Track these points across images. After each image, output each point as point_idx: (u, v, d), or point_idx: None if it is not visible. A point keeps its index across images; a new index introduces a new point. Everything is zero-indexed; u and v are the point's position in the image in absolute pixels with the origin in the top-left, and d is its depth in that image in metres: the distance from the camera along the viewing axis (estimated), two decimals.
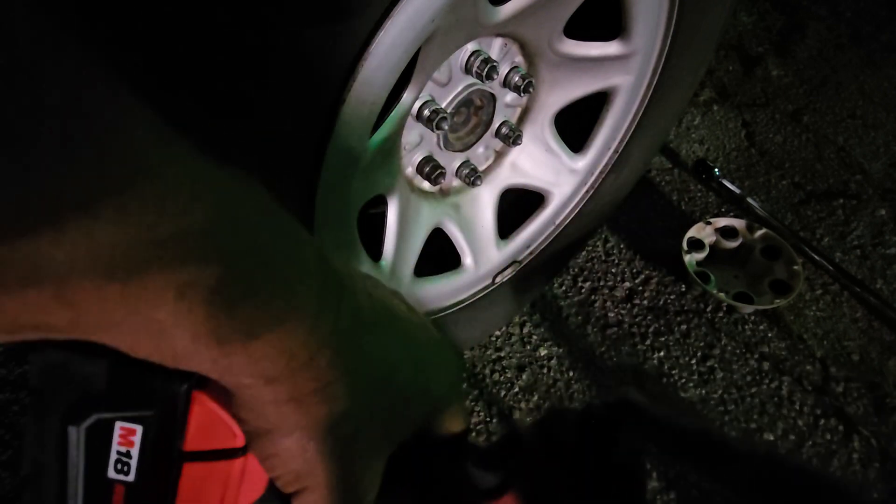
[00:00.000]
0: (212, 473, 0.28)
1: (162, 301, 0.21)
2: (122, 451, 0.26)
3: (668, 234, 1.42)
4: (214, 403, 0.27)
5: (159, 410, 0.26)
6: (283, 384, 0.26)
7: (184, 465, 0.27)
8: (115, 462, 0.27)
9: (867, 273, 1.39)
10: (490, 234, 1.01)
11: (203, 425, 0.27)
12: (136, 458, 0.27)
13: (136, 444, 0.26)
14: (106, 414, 0.26)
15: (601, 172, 1.06)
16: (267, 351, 0.25)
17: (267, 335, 0.24)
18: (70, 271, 0.19)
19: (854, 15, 1.95)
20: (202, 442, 0.27)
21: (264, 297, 0.24)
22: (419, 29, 0.62)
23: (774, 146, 1.64)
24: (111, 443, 0.26)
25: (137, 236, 0.20)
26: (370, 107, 0.64)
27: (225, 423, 0.28)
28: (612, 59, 0.90)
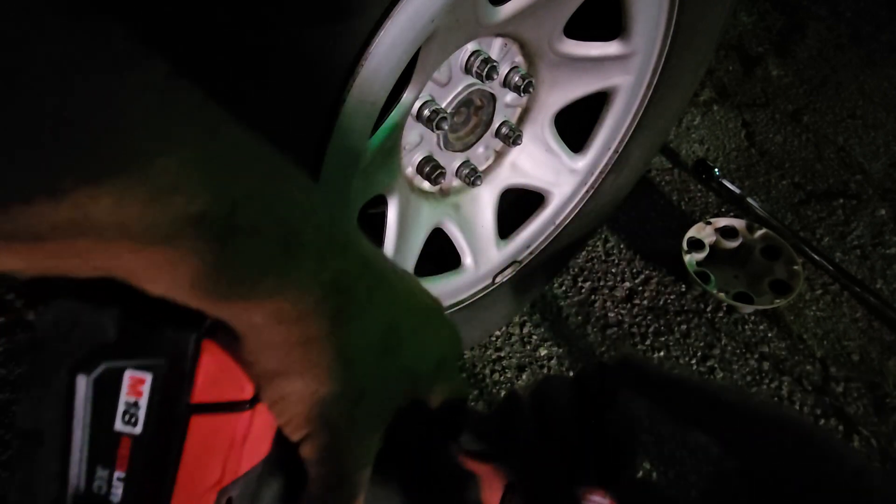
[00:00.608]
0: (219, 427, 0.28)
1: (178, 238, 0.22)
2: (130, 402, 0.26)
3: (668, 234, 1.42)
4: (224, 353, 0.27)
5: (169, 358, 0.26)
6: (294, 325, 0.26)
7: (191, 417, 0.27)
8: (122, 413, 0.26)
9: (867, 273, 1.39)
10: (490, 234, 1.01)
11: (212, 376, 0.27)
12: (143, 409, 0.26)
13: (144, 395, 0.26)
14: (116, 362, 0.26)
15: (601, 172, 1.06)
16: (279, 290, 0.25)
17: (279, 274, 0.25)
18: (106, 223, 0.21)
19: (854, 15, 1.95)
20: (210, 393, 0.27)
21: (275, 236, 0.24)
22: (419, 29, 0.62)
23: (774, 146, 1.64)
24: (119, 393, 0.26)
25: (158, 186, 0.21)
26: (370, 107, 0.64)
27: (234, 374, 0.28)
28: (612, 59, 0.90)
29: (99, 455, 0.27)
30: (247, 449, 0.29)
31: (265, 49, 0.52)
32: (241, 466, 0.29)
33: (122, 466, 0.27)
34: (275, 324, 0.26)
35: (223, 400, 0.28)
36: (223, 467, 0.28)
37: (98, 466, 0.27)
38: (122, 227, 0.21)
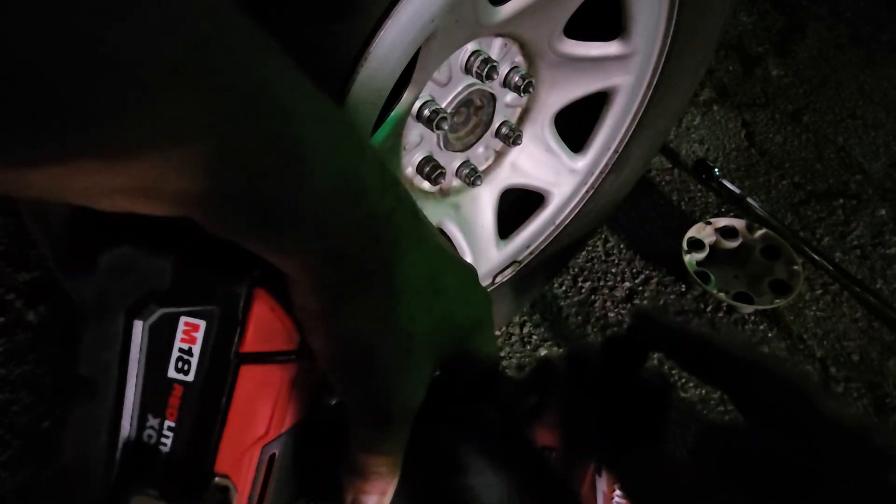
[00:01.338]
0: (266, 378, 0.28)
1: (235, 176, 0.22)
2: (183, 349, 0.27)
3: (668, 234, 1.42)
4: (274, 302, 0.27)
5: (222, 305, 0.27)
6: (348, 262, 0.26)
7: (241, 366, 0.27)
8: (175, 360, 0.27)
9: (867, 273, 1.39)
10: (490, 234, 1.01)
11: (262, 324, 0.27)
12: (196, 357, 0.27)
13: (197, 342, 0.26)
14: (171, 309, 0.26)
15: (601, 172, 1.06)
16: (336, 226, 0.25)
17: (336, 209, 0.25)
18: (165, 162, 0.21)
19: (854, 15, 1.95)
20: (260, 342, 0.27)
21: (334, 171, 0.25)
22: (419, 29, 0.62)
23: (774, 146, 1.64)
24: (174, 339, 0.26)
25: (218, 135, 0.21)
26: (370, 107, 0.64)
27: (282, 324, 0.28)
28: (612, 59, 0.90)
29: (151, 403, 0.27)
30: (291, 403, 0.29)
31: None
32: (284, 422, 0.29)
33: (173, 416, 0.27)
34: (328, 263, 0.26)
35: (272, 349, 0.28)
36: (269, 420, 0.28)
37: (149, 415, 0.27)
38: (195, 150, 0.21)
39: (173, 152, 0.20)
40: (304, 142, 0.24)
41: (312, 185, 0.24)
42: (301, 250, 0.25)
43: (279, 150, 0.23)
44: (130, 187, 0.21)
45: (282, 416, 0.29)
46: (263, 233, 0.24)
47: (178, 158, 0.21)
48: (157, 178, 0.21)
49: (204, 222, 0.24)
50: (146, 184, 0.21)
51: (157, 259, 0.26)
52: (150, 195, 0.22)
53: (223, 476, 0.27)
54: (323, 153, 0.24)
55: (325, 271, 0.26)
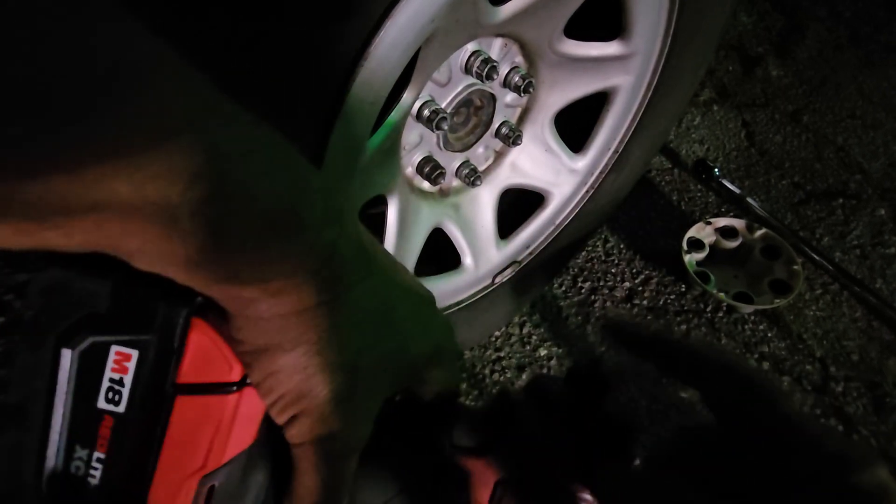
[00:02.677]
0: (204, 409, 0.27)
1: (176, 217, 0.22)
2: (114, 379, 0.25)
3: (668, 234, 1.42)
4: (213, 332, 0.26)
5: (157, 335, 0.26)
6: (287, 296, 0.26)
7: (177, 397, 0.26)
8: (106, 390, 0.26)
9: (867, 273, 1.39)
10: (490, 234, 1.01)
11: (200, 355, 0.26)
12: (128, 388, 0.26)
13: (129, 371, 0.25)
14: (103, 337, 0.25)
15: (601, 172, 1.06)
16: (272, 261, 0.25)
17: (272, 244, 0.24)
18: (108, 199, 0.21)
19: (853, 16, 1.95)
20: (197, 373, 0.26)
21: (271, 210, 0.24)
22: (419, 29, 0.62)
23: (774, 146, 1.64)
24: (104, 369, 0.25)
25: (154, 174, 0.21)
26: (370, 107, 0.64)
27: (222, 355, 0.27)
28: (612, 59, 0.90)
29: (79, 433, 0.26)
30: (232, 434, 0.28)
31: (265, 48, 0.52)
32: (225, 453, 0.28)
33: (103, 447, 0.26)
34: (266, 297, 0.25)
35: (210, 381, 0.27)
36: (207, 452, 0.27)
37: (77, 445, 0.26)
38: (126, 206, 0.21)
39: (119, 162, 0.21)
40: (230, 177, 0.23)
41: (242, 221, 0.24)
42: (235, 285, 0.25)
43: (203, 184, 0.23)
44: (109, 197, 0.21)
45: (222, 447, 0.28)
46: (197, 267, 0.24)
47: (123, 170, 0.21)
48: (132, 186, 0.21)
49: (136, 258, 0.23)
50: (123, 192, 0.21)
51: (94, 283, 0.25)
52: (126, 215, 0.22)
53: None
54: (250, 189, 0.24)
55: (260, 306, 0.25)
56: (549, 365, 1.24)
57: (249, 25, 0.50)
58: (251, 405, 0.29)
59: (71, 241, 0.22)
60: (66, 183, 0.20)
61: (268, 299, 0.25)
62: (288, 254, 0.25)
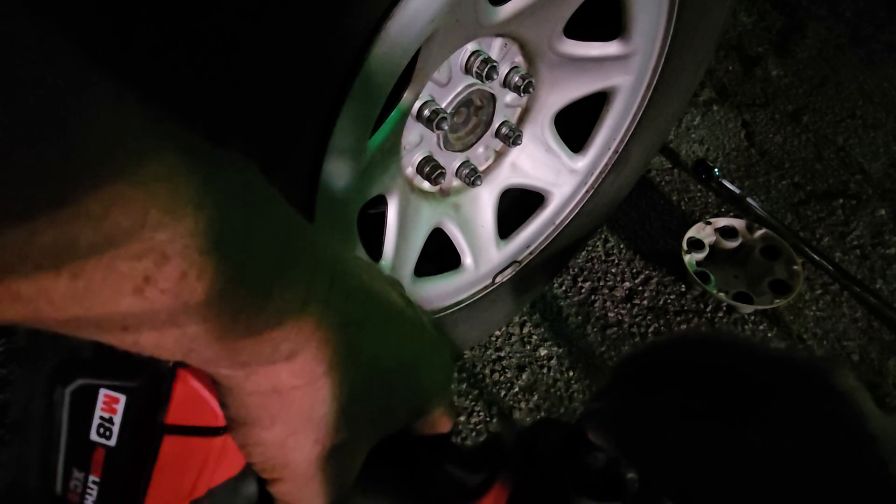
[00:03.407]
0: (191, 448, 0.28)
1: (137, 291, 0.21)
2: (104, 417, 0.27)
3: (668, 234, 1.42)
4: (198, 382, 0.27)
5: (143, 383, 0.27)
6: (264, 377, 0.25)
7: (164, 437, 0.27)
8: (97, 426, 0.27)
9: (867, 273, 1.39)
10: (490, 234, 1.01)
11: (185, 402, 0.27)
12: (118, 425, 0.27)
13: (118, 412, 0.27)
14: (91, 380, 0.27)
15: (601, 172, 1.06)
16: (246, 342, 0.24)
17: (248, 325, 0.24)
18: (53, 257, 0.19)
19: (854, 15, 1.95)
20: (184, 417, 0.27)
21: (246, 287, 0.23)
22: (419, 29, 0.62)
23: (774, 146, 1.64)
24: (95, 407, 0.27)
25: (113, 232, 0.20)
26: (370, 107, 0.64)
27: (207, 403, 0.28)
28: (612, 59, 0.90)
29: (75, 458, 0.27)
30: (221, 465, 0.29)
31: (265, 48, 0.52)
32: (214, 479, 0.29)
33: (97, 472, 0.27)
34: (243, 376, 0.25)
35: (196, 425, 0.28)
36: (196, 480, 0.29)
37: (75, 468, 0.28)
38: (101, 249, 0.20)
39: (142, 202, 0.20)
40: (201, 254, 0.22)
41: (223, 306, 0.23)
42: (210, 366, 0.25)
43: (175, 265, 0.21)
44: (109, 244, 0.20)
45: (209, 477, 0.29)
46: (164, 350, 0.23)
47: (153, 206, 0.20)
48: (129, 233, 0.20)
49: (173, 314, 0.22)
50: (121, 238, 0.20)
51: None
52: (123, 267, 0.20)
53: None
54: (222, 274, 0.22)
55: (241, 381, 0.25)
56: (549, 365, 1.24)
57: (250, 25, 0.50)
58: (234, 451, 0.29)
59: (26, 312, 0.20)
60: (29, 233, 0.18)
61: (243, 378, 0.25)
62: (263, 333, 0.24)
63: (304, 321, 0.25)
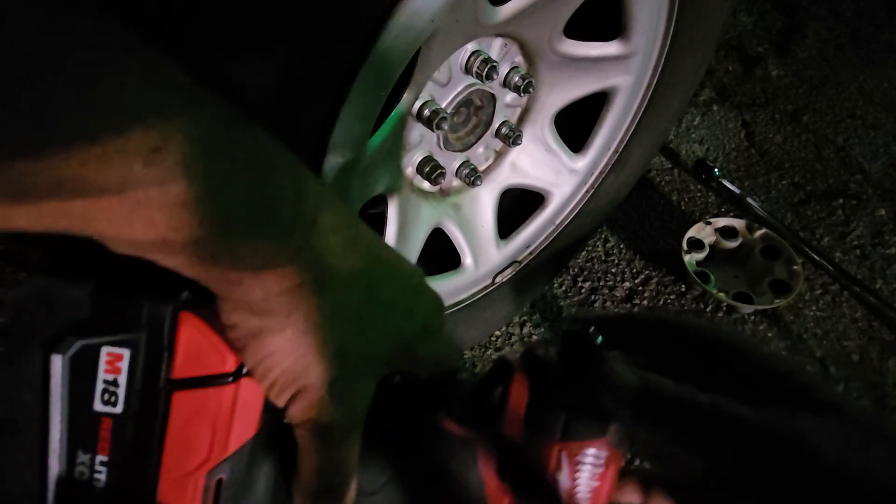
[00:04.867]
0: (202, 403, 0.27)
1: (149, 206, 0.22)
2: (108, 380, 0.25)
3: (668, 234, 1.42)
4: (203, 325, 0.26)
5: (147, 331, 0.26)
6: (270, 276, 0.26)
7: (173, 393, 0.26)
8: (101, 393, 0.26)
9: (867, 273, 1.39)
10: (490, 234, 1.01)
11: (192, 348, 0.26)
12: (123, 387, 0.26)
13: (123, 371, 0.26)
14: (91, 340, 0.25)
15: (601, 172, 1.06)
16: (253, 243, 0.25)
17: (252, 227, 0.25)
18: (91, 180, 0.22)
19: (854, 15, 1.95)
20: (191, 367, 0.26)
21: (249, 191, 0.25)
22: (419, 29, 0.62)
23: (774, 146, 1.64)
24: (97, 371, 0.25)
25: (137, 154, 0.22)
26: (370, 106, 0.64)
27: (214, 347, 0.27)
28: (611, 59, 0.90)
29: (79, 439, 0.26)
30: (234, 426, 0.28)
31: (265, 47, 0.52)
32: (228, 445, 0.28)
33: (104, 450, 0.26)
34: (249, 278, 0.25)
35: (205, 374, 0.27)
36: (210, 446, 0.28)
37: (79, 451, 0.26)
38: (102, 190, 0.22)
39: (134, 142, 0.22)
40: (214, 166, 0.24)
41: (222, 206, 0.24)
42: (218, 268, 0.25)
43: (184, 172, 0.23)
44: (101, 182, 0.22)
45: (224, 439, 0.28)
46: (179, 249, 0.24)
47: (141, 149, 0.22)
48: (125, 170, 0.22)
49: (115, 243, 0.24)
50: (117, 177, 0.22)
51: (72, 288, 0.25)
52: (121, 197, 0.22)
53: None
54: (231, 176, 0.24)
55: (249, 287, 0.26)
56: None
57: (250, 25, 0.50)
58: (249, 395, 0.29)
59: (41, 222, 0.22)
60: (32, 165, 0.20)
61: (251, 280, 0.25)
62: (269, 235, 0.25)
63: (307, 217, 0.27)
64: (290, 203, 0.26)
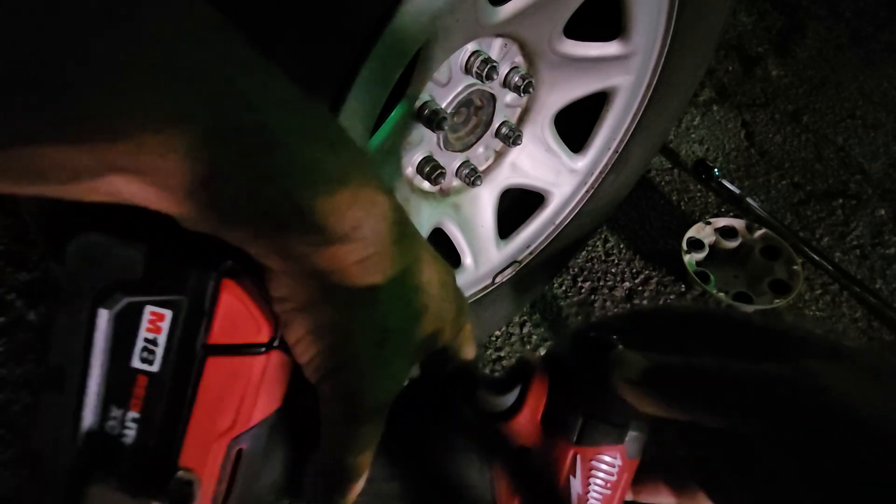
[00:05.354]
0: (234, 370, 0.28)
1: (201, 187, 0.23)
2: (149, 339, 0.26)
3: (668, 234, 1.42)
4: (244, 294, 0.27)
5: (190, 296, 0.26)
6: (329, 255, 0.26)
7: (207, 358, 0.27)
8: (140, 350, 0.26)
9: (867, 273, 1.39)
10: (490, 234, 1.01)
11: (230, 316, 0.27)
12: (162, 347, 0.26)
13: (163, 332, 0.26)
14: (137, 297, 0.26)
15: (601, 172, 1.06)
16: (321, 217, 0.25)
17: (302, 197, 0.25)
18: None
19: (854, 15, 1.95)
20: (227, 335, 0.27)
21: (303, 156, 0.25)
22: (419, 29, 0.62)
23: (774, 146, 1.64)
24: (139, 329, 0.26)
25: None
26: (370, 107, 0.64)
27: (252, 317, 0.28)
28: (611, 59, 0.90)
29: (114, 393, 0.27)
30: (259, 397, 0.29)
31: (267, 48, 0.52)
32: (252, 416, 0.29)
33: (136, 406, 0.27)
34: (314, 254, 0.26)
35: (240, 342, 0.28)
36: (236, 414, 0.28)
37: (112, 405, 0.27)
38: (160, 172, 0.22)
39: (147, 135, 0.22)
40: (270, 128, 0.24)
41: (284, 171, 0.24)
42: (280, 241, 0.25)
43: (247, 136, 0.23)
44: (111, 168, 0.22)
45: (250, 409, 0.29)
46: (237, 223, 0.24)
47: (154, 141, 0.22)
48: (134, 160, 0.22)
49: (182, 212, 0.24)
50: (125, 165, 0.22)
51: (128, 248, 0.26)
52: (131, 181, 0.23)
53: (187, 470, 0.27)
54: (291, 141, 0.25)
55: (307, 262, 0.26)
56: None
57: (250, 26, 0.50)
58: (277, 368, 0.29)
59: (95, 196, 0.23)
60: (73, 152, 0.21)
61: (313, 256, 0.26)
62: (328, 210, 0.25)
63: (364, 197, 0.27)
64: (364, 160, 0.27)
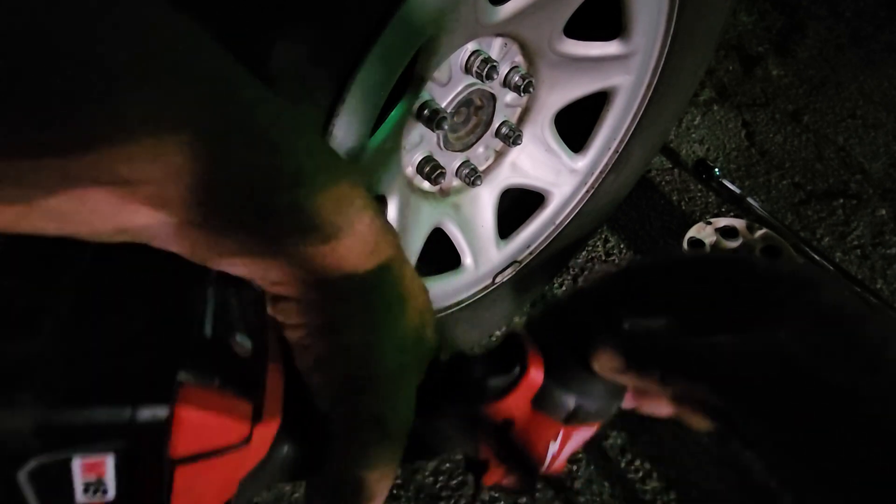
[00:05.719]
0: (211, 468, 0.24)
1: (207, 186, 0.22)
2: (91, 481, 0.21)
3: (668, 234, 1.42)
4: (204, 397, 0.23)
5: (134, 436, 0.21)
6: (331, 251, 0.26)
7: (175, 469, 0.23)
8: (83, 489, 0.21)
9: (867, 273, 1.39)
10: (490, 234, 1.01)
11: (192, 429, 0.23)
12: (112, 481, 0.22)
13: (108, 471, 0.21)
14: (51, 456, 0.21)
15: (601, 172, 1.06)
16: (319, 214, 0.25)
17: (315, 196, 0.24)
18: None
19: (854, 15, 1.95)
20: (194, 445, 0.23)
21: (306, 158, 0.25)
22: (419, 29, 0.62)
23: (774, 146, 1.64)
24: (72, 480, 0.21)
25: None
26: (370, 107, 0.64)
27: (219, 422, 0.24)
28: (612, 59, 0.90)
29: None
30: (248, 462, 0.27)
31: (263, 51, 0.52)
32: (244, 474, 0.27)
33: None
34: (315, 250, 0.25)
35: (209, 449, 0.24)
36: (221, 495, 0.26)
37: None
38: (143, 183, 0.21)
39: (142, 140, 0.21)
40: (268, 129, 0.24)
41: (283, 171, 0.24)
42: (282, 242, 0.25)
43: (247, 137, 0.23)
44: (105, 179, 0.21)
45: (235, 482, 0.26)
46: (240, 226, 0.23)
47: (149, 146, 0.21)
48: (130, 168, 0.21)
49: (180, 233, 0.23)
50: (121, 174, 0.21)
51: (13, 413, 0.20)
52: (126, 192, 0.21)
53: None
54: (286, 141, 0.24)
55: (309, 263, 0.25)
56: None
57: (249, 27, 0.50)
58: (265, 433, 0.27)
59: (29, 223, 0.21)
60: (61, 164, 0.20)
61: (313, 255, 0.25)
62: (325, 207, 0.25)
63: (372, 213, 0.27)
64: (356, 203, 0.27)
